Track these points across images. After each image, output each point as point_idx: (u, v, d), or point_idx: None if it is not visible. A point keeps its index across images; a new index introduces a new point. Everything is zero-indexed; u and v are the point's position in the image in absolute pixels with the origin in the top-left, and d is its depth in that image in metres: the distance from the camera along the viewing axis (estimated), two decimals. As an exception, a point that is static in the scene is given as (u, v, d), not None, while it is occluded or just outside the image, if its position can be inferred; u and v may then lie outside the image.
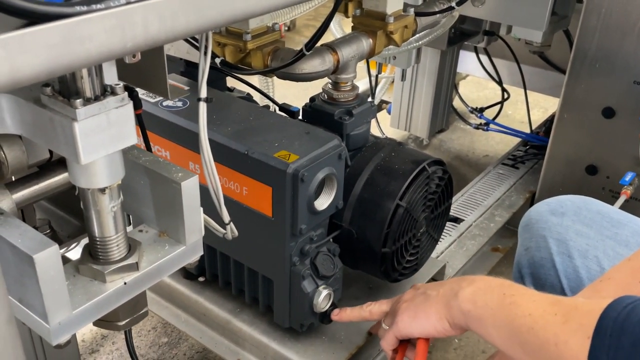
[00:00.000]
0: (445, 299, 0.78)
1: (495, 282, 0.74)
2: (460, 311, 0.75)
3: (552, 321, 0.62)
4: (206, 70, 0.68)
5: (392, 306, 0.92)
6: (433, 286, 0.84)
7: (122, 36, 0.46)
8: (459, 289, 0.76)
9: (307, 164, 0.95)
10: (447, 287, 0.79)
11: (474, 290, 0.74)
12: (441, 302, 0.79)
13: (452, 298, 0.77)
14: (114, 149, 0.58)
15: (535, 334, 0.63)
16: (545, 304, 0.65)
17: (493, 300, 0.70)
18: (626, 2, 1.30)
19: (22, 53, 0.41)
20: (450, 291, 0.77)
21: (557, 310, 0.62)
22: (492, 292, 0.72)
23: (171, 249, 0.70)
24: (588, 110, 1.43)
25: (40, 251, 0.55)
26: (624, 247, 0.93)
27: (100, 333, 1.53)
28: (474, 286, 0.75)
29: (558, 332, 0.60)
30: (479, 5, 1.53)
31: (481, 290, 0.73)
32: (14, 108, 0.58)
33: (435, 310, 0.79)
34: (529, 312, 0.65)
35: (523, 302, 0.67)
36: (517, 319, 0.66)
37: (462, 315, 0.75)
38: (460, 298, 0.75)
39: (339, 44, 1.07)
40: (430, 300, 0.81)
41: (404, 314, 0.85)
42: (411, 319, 0.83)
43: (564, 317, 0.61)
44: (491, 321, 0.70)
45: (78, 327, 0.62)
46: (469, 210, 1.65)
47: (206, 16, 0.52)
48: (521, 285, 0.73)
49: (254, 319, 1.18)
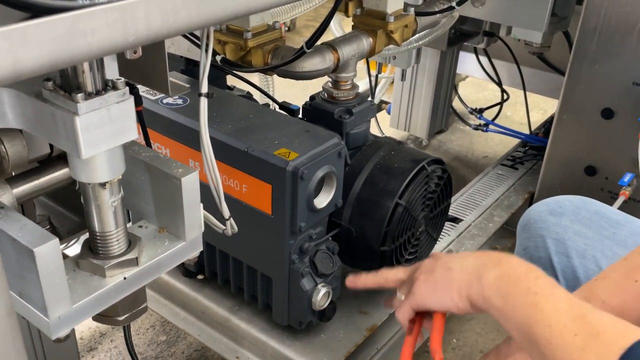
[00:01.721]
0: (468, 278, 0.74)
1: (522, 269, 0.70)
2: (482, 296, 0.71)
3: (571, 343, 0.59)
4: (207, 66, 0.68)
5: (410, 275, 0.86)
6: (456, 259, 0.79)
7: (125, 30, 0.47)
8: (483, 270, 0.72)
9: (307, 161, 0.95)
10: (471, 264, 0.75)
11: (499, 275, 0.70)
12: (463, 279, 0.74)
13: (475, 279, 0.72)
14: (115, 144, 0.58)
15: (552, 350, 0.61)
16: (567, 316, 0.62)
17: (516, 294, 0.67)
18: (626, 4, 1.31)
19: (25, 45, 0.41)
20: (474, 269, 0.73)
21: (578, 330, 0.60)
22: (517, 282, 0.68)
23: (171, 244, 0.70)
24: (587, 111, 1.43)
25: (40, 245, 0.55)
26: (622, 247, 0.93)
27: (99, 331, 1.53)
28: (499, 270, 0.71)
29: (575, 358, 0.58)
30: (479, 6, 1.53)
31: (506, 277, 0.69)
32: (16, 102, 0.58)
33: (457, 288, 0.75)
34: (549, 323, 0.62)
35: (546, 306, 0.64)
36: (537, 325, 0.63)
37: (483, 300, 0.71)
38: (484, 282, 0.71)
39: (339, 42, 1.07)
40: (452, 275, 0.76)
41: (423, 285, 0.80)
42: (430, 292, 0.79)
43: (583, 342, 0.59)
44: (511, 317, 0.67)
45: (78, 321, 0.62)
46: (468, 210, 1.65)
47: (208, 11, 0.52)
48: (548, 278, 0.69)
49: (252, 317, 1.18)
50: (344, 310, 1.19)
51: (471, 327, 1.59)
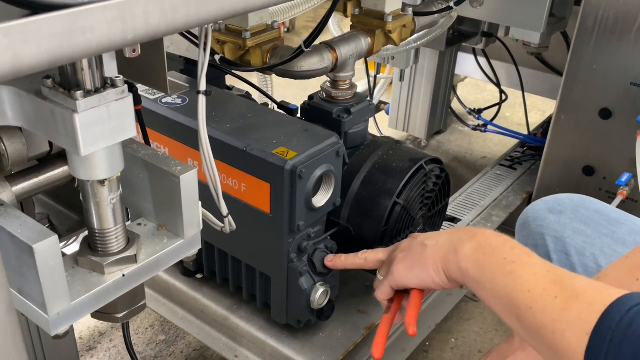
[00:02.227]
0: (444, 251, 0.75)
1: (497, 241, 0.70)
2: (458, 268, 0.72)
3: (551, 304, 0.60)
4: (205, 64, 0.69)
5: (389, 255, 0.88)
6: (431, 236, 0.80)
7: (124, 27, 0.47)
8: (458, 243, 0.73)
9: (305, 160, 0.95)
10: (446, 239, 0.76)
11: (474, 247, 0.71)
12: (439, 254, 0.75)
13: (450, 252, 0.74)
14: (114, 141, 0.59)
15: (533, 314, 0.61)
16: (546, 280, 0.62)
17: (493, 264, 0.67)
18: (623, 4, 1.31)
19: (24, 42, 0.41)
20: (450, 244, 0.74)
21: (558, 293, 0.60)
22: (492, 253, 0.69)
23: (170, 242, 0.70)
24: (585, 111, 1.44)
25: (40, 241, 0.56)
26: (621, 245, 0.94)
27: (98, 330, 1.53)
28: (474, 242, 0.71)
29: (556, 319, 0.59)
30: (478, 7, 1.53)
31: (482, 249, 0.70)
32: (15, 100, 0.58)
33: (433, 262, 0.76)
34: (528, 288, 0.62)
35: (524, 273, 0.64)
36: (516, 292, 0.63)
37: (460, 272, 0.72)
38: (459, 254, 0.72)
39: (337, 42, 1.08)
40: (428, 250, 0.78)
41: (400, 263, 0.82)
42: (408, 269, 0.80)
43: (564, 303, 0.59)
44: (489, 286, 0.67)
45: (77, 318, 0.62)
46: (466, 210, 1.65)
47: (206, 9, 0.53)
48: (523, 247, 0.70)
49: (251, 316, 1.18)
50: (343, 309, 1.19)
51: (470, 326, 1.59)
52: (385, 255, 0.89)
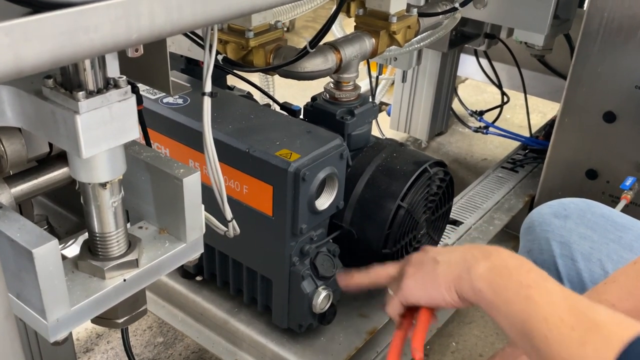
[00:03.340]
0: (457, 269, 0.72)
1: (513, 262, 0.68)
2: (472, 288, 0.69)
3: (568, 337, 0.58)
4: (211, 65, 0.67)
5: (400, 270, 0.84)
6: (444, 251, 0.77)
7: (128, 27, 0.46)
8: (473, 262, 0.70)
9: (309, 163, 0.94)
10: (459, 256, 0.73)
11: (489, 267, 0.68)
12: (452, 272, 0.72)
13: (464, 270, 0.70)
14: (116, 143, 0.57)
15: (549, 345, 0.59)
16: (563, 309, 0.60)
17: (508, 287, 0.65)
18: (628, 7, 1.30)
19: (26, 41, 0.40)
20: (464, 262, 0.71)
21: (575, 324, 0.58)
22: (508, 275, 0.66)
23: (171, 246, 0.69)
24: (589, 114, 1.43)
25: (39, 246, 0.54)
26: (628, 251, 0.92)
27: (95, 332, 1.51)
28: (489, 262, 0.69)
29: (573, 354, 0.56)
30: (481, 8, 1.52)
31: (496, 270, 0.67)
32: (15, 100, 0.57)
33: (445, 280, 0.73)
34: (544, 316, 0.60)
35: (541, 299, 0.62)
36: (532, 319, 0.61)
37: (473, 292, 0.69)
38: (473, 274, 0.69)
39: (341, 43, 1.06)
40: (440, 267, 0.74)
41: (411, 279, 0.78)
42: (418, 286, 0.77)
43: (581, 337, 0.57)
44: (504, 310, 0.65)
45: (76, 324, 0.61)
46: (468, 213, 1.64)
47: (213, 9, 0.51)
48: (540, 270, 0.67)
49: (252, 319, 1.17)
50: (344, 313, 1.18)
51: (470, 330, 1.58)
52: (396, 270, 0.85)
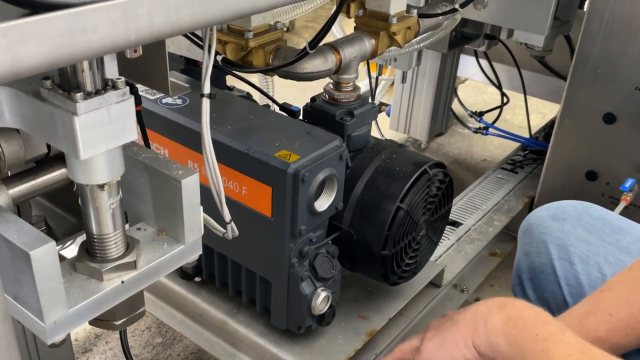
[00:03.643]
0: (474, 323, 0.72)
1: (529, 314, 0.68)
2: (488, 342, 0.69)
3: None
4: (210, 66, 0.67)
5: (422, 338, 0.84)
6: (462, 311, 0.77)
7: (126, 28, 0.45)
8: (488, 315, 0.70)
9: (308, 164, 0.94)
10: (474, 311, 0.73)
11: (505, 320, 0.68)
12: (469, 327, 0.72)
13: (480, 324, 0.71)
14: (114, 145, 0.57)
15: None
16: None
17: (524, 340, 0.65)
18: (629, 8, 1.30)
19: (24, 43, 0.40)
20: (480, 316, 0.71)
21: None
22: (524, 328, 0.66)
23: (170, 247, 0.69)
24: (589, 115, 1.43)
25: (37, 247, 0.54)
26: (626, 253, 0.92)
27: (94, 332, 1.51)
28: (504, 314, 0.69)
29: None
30: (481, 9, 1.52)
31: (512, 322, 0.68)
32: (13, 101, 0.57)
33: (463, 337, 0.73)
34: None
35: (557, 353, 0.62)
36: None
37: (490, 346, 0.69)
38: (489, 327, 0.69)
39: (341, 43, 1.06)
40: (458, 325, 0.74)
41: (430, 341, 0.78)
42: (438, 347, 0.76)
43: None
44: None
45: (74, 326, 0.61)
46: (468, 214, 1.64)
47: (212, 10, 0.51)
48: (556, 322, 0.67)
49: (250, 321, 1.17)
50: (343, 315, 1.17)
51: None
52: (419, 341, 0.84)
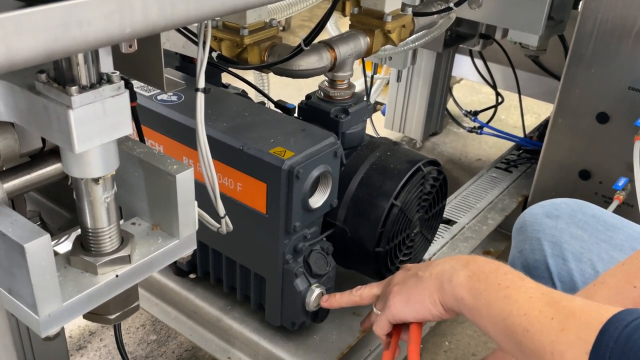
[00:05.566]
0: (439, 281, 0.75)
1: (490, 267, 0.71)
2: (454, 297, 0.73)
3: (548, 326, 0.60)
4: (205, 61, 0.67)
5: (383, 289, 0.88)
6: (424, 267, 0.80)
7: (121, 21, 0.46)
8: (452, 272, 0.73)
9: (303, 160, 0.94)
10: (439, 269, 0.76)
11: (468, 275, 0.72)
12: (434, 285, 0.76)
13: (445, 281, 0.74)
14: (109, 139, 0.57)
15: (531, 337, 0.61)
16: (541, 303, 0.63)
17: (487, 290, 0.68)
18: (622, 8, 1.31)
19: (19, 34, 0.40)
20: (443, 274, 0.75)
21: (554, 314, 0.60)
22: (486, 279, 0.69)
23: (164, 242, 0.69)
24: (582, 115, 1.43)
25: (31, 240, 0.54)
26: (618, 251, 0.93)
27: (88, 329, 1.51)
28: (468, 270, 0.72)
29: (554, 340, 0.59)
30: (476, 8, 1.52)
31: (475, 276, 0.71)
32: (8, 95, 0.57)
33: (429, 294, 0.76)
34: (524, 312, 0.63)
35: (519, 297, 0.65)
36: (512, 316, 0.64)
37: (455, 301, 0.73)
38: (454, 283, 0.72)
39: (336, 41, 1.06)
40: (423, 282, 0.78)
41: (396, 297, 0.82)
42: (404, 303, 0.80)
43: (561, 324, 0.59)
44: (485, 313, 0.68)
45: (68, 319, 0.61)
46: (462, 212, 1.65)
47: (206, 4, 0.51)
48: (516, 272, 0.70)
49: (245, 317, 1.17)
50: (337, 312, 1.17)
51: (463, 329, 1.58)
52: (380, 289, 0.90)
